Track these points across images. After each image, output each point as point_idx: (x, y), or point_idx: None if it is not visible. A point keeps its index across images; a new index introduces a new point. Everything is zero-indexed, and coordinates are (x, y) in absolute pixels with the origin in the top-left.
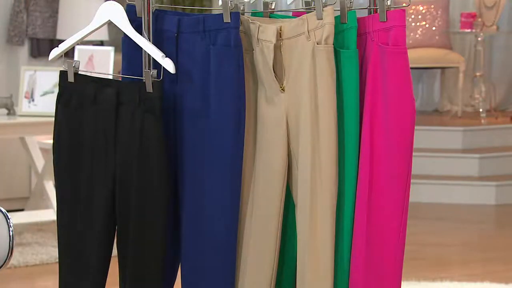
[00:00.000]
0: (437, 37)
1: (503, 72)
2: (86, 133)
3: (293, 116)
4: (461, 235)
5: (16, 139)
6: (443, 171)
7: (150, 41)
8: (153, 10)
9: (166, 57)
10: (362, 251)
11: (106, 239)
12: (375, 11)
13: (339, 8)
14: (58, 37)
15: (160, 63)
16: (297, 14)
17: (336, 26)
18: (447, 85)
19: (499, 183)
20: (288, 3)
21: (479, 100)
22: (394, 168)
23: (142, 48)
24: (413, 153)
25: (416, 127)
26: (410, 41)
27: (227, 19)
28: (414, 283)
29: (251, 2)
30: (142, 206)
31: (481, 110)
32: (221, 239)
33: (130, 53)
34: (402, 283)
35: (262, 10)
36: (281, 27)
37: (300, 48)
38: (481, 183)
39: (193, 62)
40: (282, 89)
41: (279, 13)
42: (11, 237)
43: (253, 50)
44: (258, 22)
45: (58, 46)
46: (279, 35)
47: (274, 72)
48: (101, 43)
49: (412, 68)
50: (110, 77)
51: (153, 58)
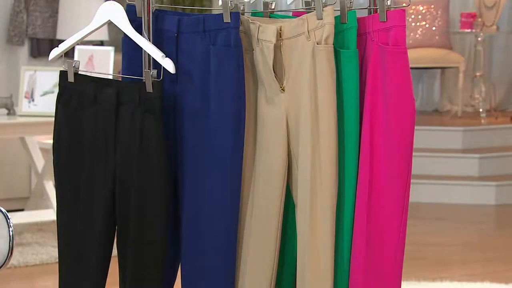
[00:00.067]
0: (437, 37)
1: (503, 72)
2: (86, 133)
3: (293, 116)
4: (461, 235)
5: (16, 139)
6: (443, 171)
7: (150, 41)
8: (153, 10)
9: (166, 57)
10: (362, 251)
11: (106, 239)
12: (375, 11)
13: (339, 8)
14: (58, 37)
15: (160, 63)
16: (297, 14)
17: (336, 26)
18: (447, 85)
19: (499, 183)
20: (288, 3)
21: (479, 100)
22: (394, 168)
23: (142, 48)
24: (413, 153)
25: (416, 127)
26: (410, 41)
27: (227, 19)
28: (414, 283)
29: (251, 2)
30: (142, 206)
31: (481, 110)
32: (221, 239)
33: (130, 53)
34: (402, 283)
35: (262, 10)
36: (281, 27)
37: (300, 48)
38: (481, 183)
39: (193, 62)
40: (282, 89)
41: (279, 13)
42: (11, 237)
43: (253, 50)
44: (258, 22)
45: (58, 46)
46: (279, 35)
47: (274, 72)
48: (101, 43)
49: (412, 68)
50: (110, 77)
51: (153, 58)
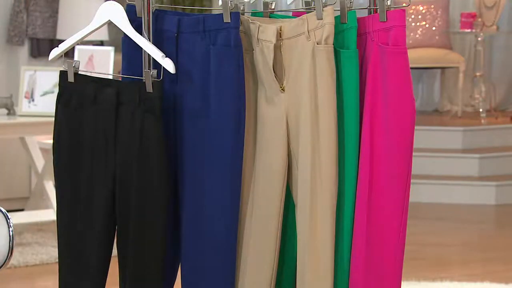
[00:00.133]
0: (437, 37)
1: (503, 72)
2: (86, 133)
3: (293, 116)
4: (461, 235)
5: (16, 139)
6: (443, 171)
7: (150, 41)
8: (153, 10)
9: (166, 57)
10: (362, 251)
11: (106, 239)
12: (375, 11)
13: (339, 8)
14: (58, 37)
15: (160, 63)
16: (297, 14)
17: (336, 26)
18: (447, 85)
19: (499, 183)
20: (288, 3)
21: (479, 100)
22: (394, 168)
23: (142, 48)
24: (413, 153)
25: (416, 127)
26: (410, 41)
27: (227, 19)
28: (414, 283)
29: (251, 2)
30: (142, 206)
31: (481, 110)
32: (221, 239)
33: (130, 53)
34: (402, 283)
35: (262, 10)
36: (281, 27)
37: (300, 48)
38: (481, 183)
39: (193, 62)
40: (282, 89)
41: (279, 13)
42: (11, 237)
43: (253, 50)
44: (258, 22)
45: (58, 46)
46: (279, 35)
47: (274, 72)
48: (101, 43)
49: (412, 68)
50: (110, 77)
51: (153, 58)
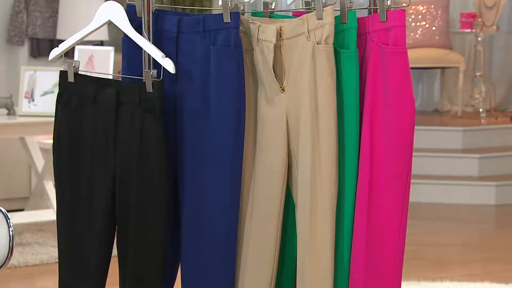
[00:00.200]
0: (437, 37)
1: (503, 72)
2: (86, 133)
3: (293, 116)
4: (461, 235)
5: (16, 139)
6: (443, 171)
7: (150, 41)
8: (153, 10)
9: (166, 57)
10: (362, 251)
11: (106, 239)
12: (375, 11)
13: (339, 8)
14: (58, 37)
15: (160, 63)
16: (297, 14)
17: (336, 26)
18: (447, 85)
19: (499, 183)
20: (288, 3)
21: (479, 100)
22: (394, 168)
23: (142, 48)
24: (413, 153)
25: (416, 127)
26: (410, 41)
27: (227, 19)
28: (414, 283)
29: (251, 2)
30: (142, 206)
31: (481, 110)
32: (221, 239)
33: (130, 53)
34: (402, 283)
35: (262, 10)
36: (281, 27)
37: (300, 48)
38: (481, 183)
39: (193, 62)
40: (282, 89)
41: (279, 13)
42: (11, 237)
43: (253, 50)
44: (258, 22)
45: (58, 46)
46: (279, 35)
47: (274, 72)
48: (101, 43)
49: (412, 68)
50: (110, 77)
51: (153, 58)
